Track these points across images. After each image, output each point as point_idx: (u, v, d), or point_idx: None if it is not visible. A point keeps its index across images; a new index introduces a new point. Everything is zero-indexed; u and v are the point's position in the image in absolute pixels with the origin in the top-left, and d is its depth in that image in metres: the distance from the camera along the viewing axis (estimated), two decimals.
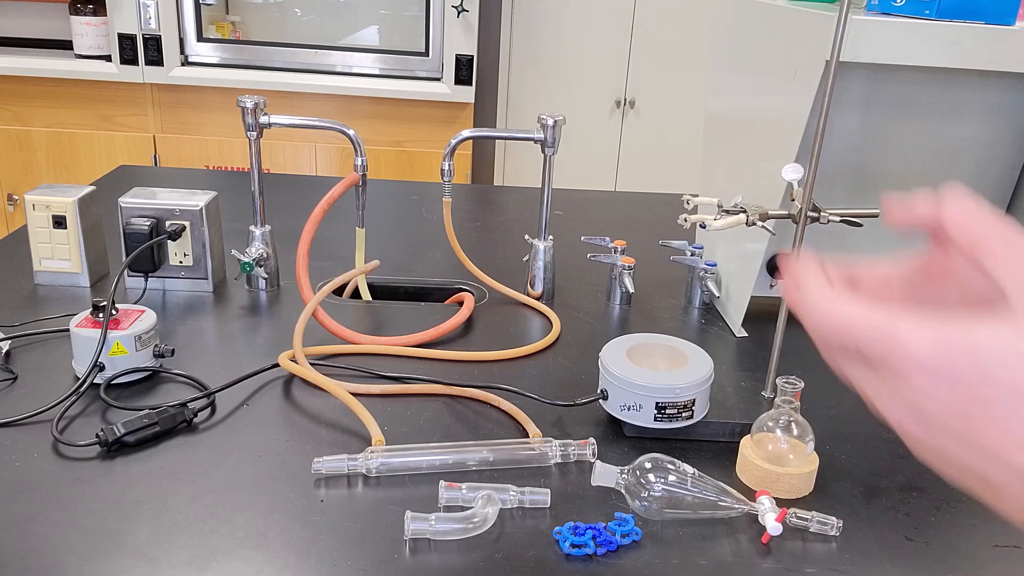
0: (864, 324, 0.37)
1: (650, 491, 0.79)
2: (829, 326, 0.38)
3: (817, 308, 0.38)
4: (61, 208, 1.20)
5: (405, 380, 1.03)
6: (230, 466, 0.85)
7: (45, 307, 1.17)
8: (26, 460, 0.84)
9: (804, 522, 0.79)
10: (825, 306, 0.38)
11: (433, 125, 2.82)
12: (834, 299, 0.38)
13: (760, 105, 1.21)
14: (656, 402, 0.89)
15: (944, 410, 0.35)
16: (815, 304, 0.38)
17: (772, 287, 1.29)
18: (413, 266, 1.42)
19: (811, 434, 0.85)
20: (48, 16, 2.97)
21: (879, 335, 0.36)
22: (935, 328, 0.35)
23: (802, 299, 0.39)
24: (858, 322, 0.37)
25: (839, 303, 0.38)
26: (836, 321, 0.38)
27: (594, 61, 3.20)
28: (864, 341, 0.37)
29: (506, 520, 0.79)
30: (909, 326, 0.36)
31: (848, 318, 0.37)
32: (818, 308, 0.38)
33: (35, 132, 2.77)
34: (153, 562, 0.71)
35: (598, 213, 1.75)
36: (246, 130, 1.21)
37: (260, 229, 1.26)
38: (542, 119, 1.22)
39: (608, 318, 1.26)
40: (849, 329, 0.37)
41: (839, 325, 0.37)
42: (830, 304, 0.38)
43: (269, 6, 3.07)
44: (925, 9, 0.98)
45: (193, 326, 1.15)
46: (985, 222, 0.37)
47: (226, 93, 2.74)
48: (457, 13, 2.69)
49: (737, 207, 0.99)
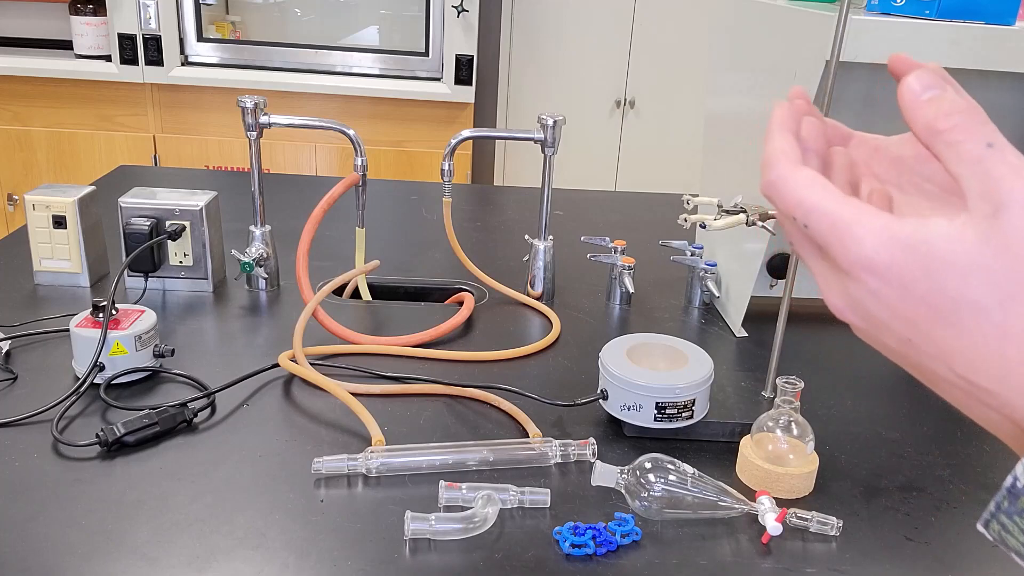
0: (816, 207, 0.35)
1: (650, 491, 0.79)
2: (785, 201, 0.36)
3: (778, 181, 0.36)
4: (61, 208, 1.20)
5: (405, 380, 1.03)
6: (230, 466, 0.85)
7: (45, 307, 1.17)
8: (26, 460, 0.84)
9: (804, 522, 0.79)
10: (785, 179, 0.36)
11: (433, 125, 2.82)
12: (794, 174, 0.36)
13: (760, 105, 1.21)
14: (656, 402, 0.89)
15: (888, 312, 0.34)
16: (777, 177, 0.36)
17: (772, 287, 1.29)
18: (413, 266, 1.42)
19: (811, 434, 0.85)
20: (48, 16, 2.97)
21: (829, 222, 0.35)
22: (887, 225, 0.33)
23: (767, 170, 0.37)
24: (811, 203, 0.35)
25: (798, 179, 0.36)
26: (791, 197, 0.36)
27: (594, 61, 3.20)
28: (815, 225, 0.35)
29: (506, 520, 0.79)
30: (861, 219, 0.34)
31: (803, 197, 0.35)
32: (779, 181, 0.36)
33: (35, 132, 2.77)
34: (153, 562, 0.71)
35: (598, 213, 1.75)
36: (246, 130, 1.21)
37: (260, 229, 1.26)
38: (542, 119, 1.22)
39: (608, 318, 1.26)
40: (801, 208, 0.36)
41: (792, 202, 0.36)
42: (789, 177, 0.36)
43: (269, 6, 3.07)
44: (925, 9, 0.98)
45: (193, 326, 1.15)
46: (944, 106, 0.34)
47: (226, 93, 2.74)
48: (457, 13, 2.69)
49: (737, 207, 0.99)
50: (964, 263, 0.31)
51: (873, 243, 0.33)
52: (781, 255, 1.26)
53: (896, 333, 0.35)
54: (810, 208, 0.35)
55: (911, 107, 0.35)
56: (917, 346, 0.34)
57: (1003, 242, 0.31)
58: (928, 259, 0.32)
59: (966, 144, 0.33)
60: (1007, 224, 0.31)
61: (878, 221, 0.33)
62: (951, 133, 0.33)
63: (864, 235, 0.33)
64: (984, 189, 0.31)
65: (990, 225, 0.31)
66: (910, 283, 0.33)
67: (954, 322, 0.32)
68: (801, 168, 0.36)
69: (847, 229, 0.34)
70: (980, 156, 0.32)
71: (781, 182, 0.36)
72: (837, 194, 0.35)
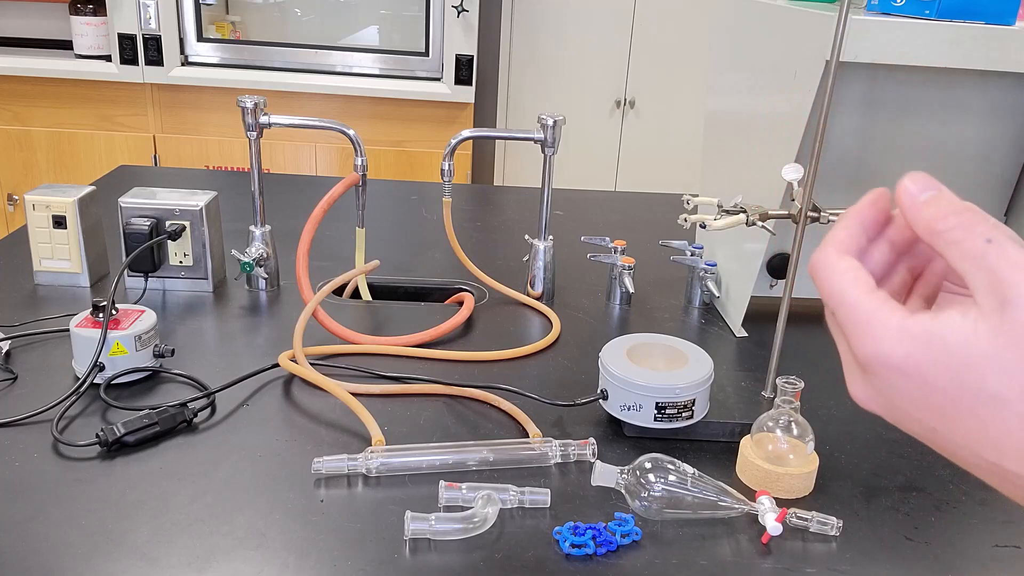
0: (844, 298, 0.36)
1: (650, 491, 0.79)
2: (820, 285, 0.38)
3: (818, 264, 0.38)
4: (61, 208, 1.20)
5: (405, 380, 1.03)
6: (230, 466, 0.85)
7: (45, 307, 1.17)
8: (26, 460, 0.84)
9: (804, 522, 0.79)
10: (824, 265, 0.38)
11: (433, 125, 2.82)
12: (835, 261, 0.38)
13: (760, 105, 1.21)
14: (656, 402, 0.89)
15: (911, 404, 0.35)
16: (818, 261, 0.38)
17: (772, 287, 1.29)
18: (413, 266, 1.42)
19: (811, 434, 0.85)
20: (48, 16, 2.97)
21: (853, 314, 0.36)
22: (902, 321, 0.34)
23: (816, 251, 0.39)
24: (840, 293, 0.37)
25: (836, 267, 0.37)
26: (826, 283, 0.37)
27: (594, 61, 3.20)
28: (841, 315, 0.37)
29: (506, 520, 0.79)
30: (878, 314, 0.35)
31: (835, 286, 0.37)
32: (818, 265, 0.38)
33: (35, 132, 2.77)
34: (153, 562, 0.71)
35: (598, 213, 1.75)
36: (246, 130, 1.21)
37: (260, 229, 1.26)
38: (542, 119, 1.22)
39: (608, 318, 1.26)
40: (832, 297, 0.37)
41: (826, 288, 0.37)
42: (829, 264, 0.38)
43: (269, 6, 3.07)
44: (925, 9, 0.98)
45: (193, 326, 1.15)
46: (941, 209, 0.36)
47: (226, 93, 2.74)
48: (457, 13, 2.69)
49: (737, 207, 0.99)
50: (979, 357, 0.33)
51: (889, 338, 0.35)
52: (781, 255, 1.26)
53: (921, 423, 0.36)
54: (839, 299, 0.37)
55: (910, 209, 0.37)
56: (943, 435, 0.35)
57: (1013, 336, 0.32)
58: (944, 354, 0.33)
59: (966, 242, 0.34)
60: (1014, 317, 0.32)
61: (894, 317, 0.35)
62: (951, 233, 0.35)
63: (880, 330, 0.35)
64: (989, 284, 0.33)
65: (1000, 319, 0.32)
66: (929, 377, 0.34)
67: (977, 414, 0.33)
68: (843, 257, 0.38)
69: (866, 323, 0.35)
70: (982, 252, 0.33)
71: (820, 266, 0.38)
72: (865, 287, 0.36)
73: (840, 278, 0.37)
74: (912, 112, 1.16)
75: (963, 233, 0.34)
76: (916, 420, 0.36)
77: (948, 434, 0.35)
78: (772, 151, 1.13)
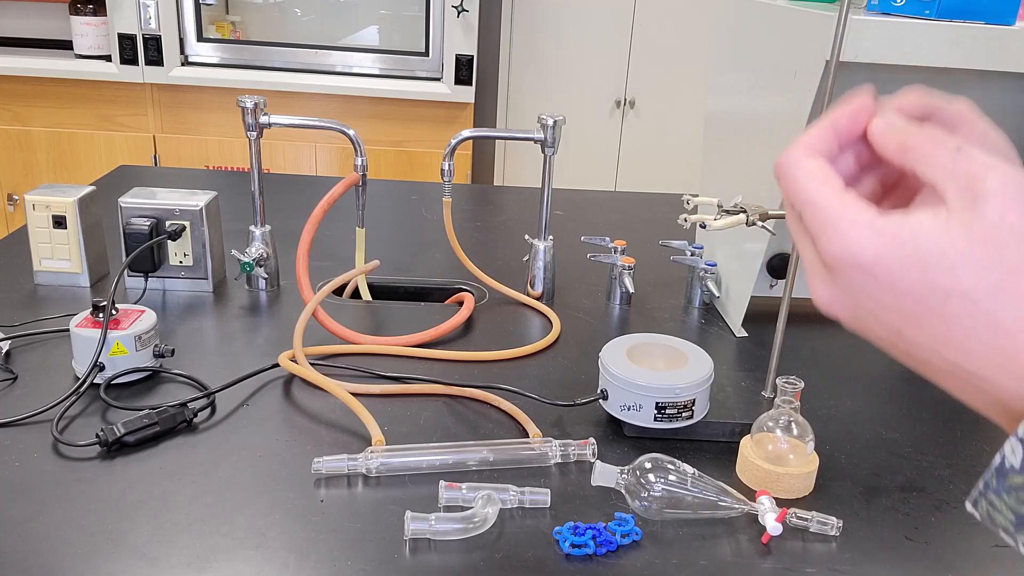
0: (811, 198, 0.36)
1: (650, 491, 0.79)
2: (786, 186, 0.37)
3: (785, 165, 0.37)
4: (61, 208, 1.20)
5: (405, 380, 1.03)
6: (230, 466, 0.85)
7: (45, 307, 1.17)
8: (26, 460, 0.84)
9: (804, 522, 0.79)
10: (791, 165, 0.37)
11: (433, 125, 2.82)
12: (801, 161, 0.37)
13: (760, 105, 1.21)
14: (656, 402, 0.89)
15: (876, 305, 0.35)
16: (785, 161, 0.37)
17: (772, 287, 1.29)
18: (413, 266, 1.42)
19: (811, 434, 0.85)
20: (48, 16, 2.97)
21: (820, 214, 0.35)
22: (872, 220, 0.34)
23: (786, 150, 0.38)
24: (807, 193, 0.36)
25: (803, 167, 0.37)
26: (792, 184, 0.37)
27: (594, 61, 3.20)
28: (807, 216, 0.36)
29: (506, 520, 0.79)
30: (847, 213, 0.34)
31: (802, 186, 0.36)
32: (785, 165, 0.37)
33: (35, 132, 2.77)
34: (153, 562, 0.71)
35: (598, 213, 1.75)
36: (246, 130, 1.21)
37: (260, 229, 1.26)
38: (542, 119, 1.22)
39: (608, 318, 1.26)
40: (798, 197, 0.36)
41: (792, 188, 0.37)
42: (796, 164, 0.37)
43: (269, 6, 3.07)
44: (925, 9, 0.98)
45: (193, 326, 1.15)
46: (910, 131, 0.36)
47: (226, 93, 2.74)
48: (457, 13, 2.69)
49: (737, 207, 0.99)
50: (950, 255, 0.32)
51: (858, 236, 0.34)
52: (781, 255, 1.26)
53: (885, 324, 0.35)
54: (805, 198, 0.36)
55: (881, 138, 0.37)
56: (908, 337, 0.35)
57: (985, 232, 0.32)
58: (914, 253, 0.33)
59: (936, 154, 0.34)
60: (987, 214, 0.32)
61: (864, 216, 0.34)
62: (921, 147, 0.35)
63: (848, 229, 0.34)
64: (960, 186, 0.33)
65: (971, 215, 0.32)
66: (898, 277, 0.33)
67: (944, 312, 0.33)
68: (812, 157, 0.37)
69: (833, 223, 0.35)
70: (952, 160, 0.34)
71: (787, 165, 0.37)
72: (834, 187, 0.36)
73: (808, 176, 0.36)
74: None
75: (933, 146, 0.34)
76: (882, 322, 0.35)
77: (913, 336, 0.34)
78: (772, 151, 1.13)
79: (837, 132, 0.38)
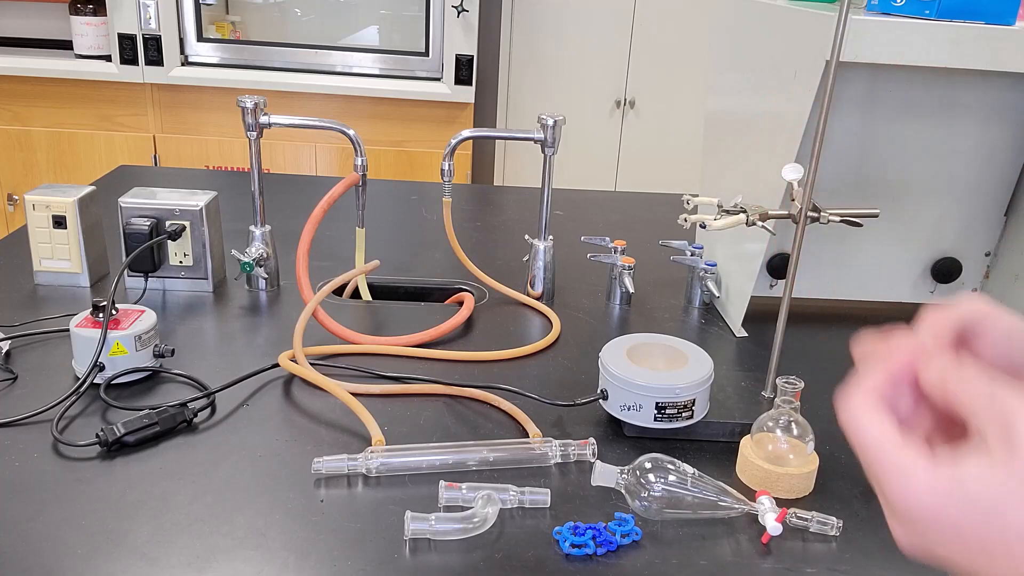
0: (875, 453, 0.39)
1: (650, 491, 0.79)
2: (852, 439, 0.40)
3: (846, 416, 0.41)
4: (61, 208, 1.20)
5: (405, 380, 1.03)
6: (230, 466, 0.85)
7: (45, 307, 1.17)
8: (26, 460, 0.84)
9: (804, 522, 0.79)
10: (852, 417, 0.41)
11: (433, 125, 2.82)
12: (860, 413, 0.40)
13: (760, 105, 1.21)
14: (656, 402, 0.89)
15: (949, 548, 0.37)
16: (846, 411, 0.41)
17: (772, 287, 1.29)
18: (413, 266, 1.42)
19: (811, 434, 0.85)
20: (48, 16, 2.97)
21: (883, 469, 0.39)
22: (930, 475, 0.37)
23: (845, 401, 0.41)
24: (871, 448, 0.39)
25: (863, 419, 0.40)
26: (857, 437, 0.40)
27: (594, 61, 3.20)
28: (873, 469, 0.39)
29: (506, 520, 0.79)
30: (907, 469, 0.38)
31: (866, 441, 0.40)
32: (847, 416, 0.41)
33: (35, 132, 2.77)
34: (153, 562, 0.71)
35: (598, 213, 1.75)
36: (246, 130, 1.21)
37: (260, 229, 1.26)
38: (542, 119, 1.22)
39: (608, 318, 1.26)
40: (864, 452, 0.40)
41: (857, 442, 0.40)
42: (855, 416, 0.40)
43: (269, 6, 3.07)
44: (925, 9, 0.98)
45: (193, 326, 1.15)
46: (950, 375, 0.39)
47: (226, 93, 2.74)
48: (457, 13, 2.69)
49: (737, 207, 0.99)
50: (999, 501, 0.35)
51: (917, 492, 0.37)
52: (781, 255, 1.26)
53: (962, 562, 0.38)
54: (866, 450, 0.40)
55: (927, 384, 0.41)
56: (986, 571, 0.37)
57: None
58: (969, 502, 0.36)
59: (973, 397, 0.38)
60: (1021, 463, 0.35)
61: (920, 468, 0.38)
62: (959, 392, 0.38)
63: (908, 484, 0.38)
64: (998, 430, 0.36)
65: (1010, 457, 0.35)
66: (960, 523, 0.36)
67: (1010, 551, 0.35)
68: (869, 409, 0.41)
69: (895, 478, 0.38)
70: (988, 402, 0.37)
71: (849, 419, 0.41)
72: (892, 439, 0.39)
73: (867, 428, 0.40)
74: (912, 112, 1.16)
75: (970, 390, 0.38)
76: (956, 562, 0.38)
77: (989, 570, 0.37)
78: (772, 151, 1.13)
79: (891, 375, 0.42)
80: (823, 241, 1.24)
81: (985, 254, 1.28)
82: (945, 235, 1.26)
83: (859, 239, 1.25)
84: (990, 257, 1.28)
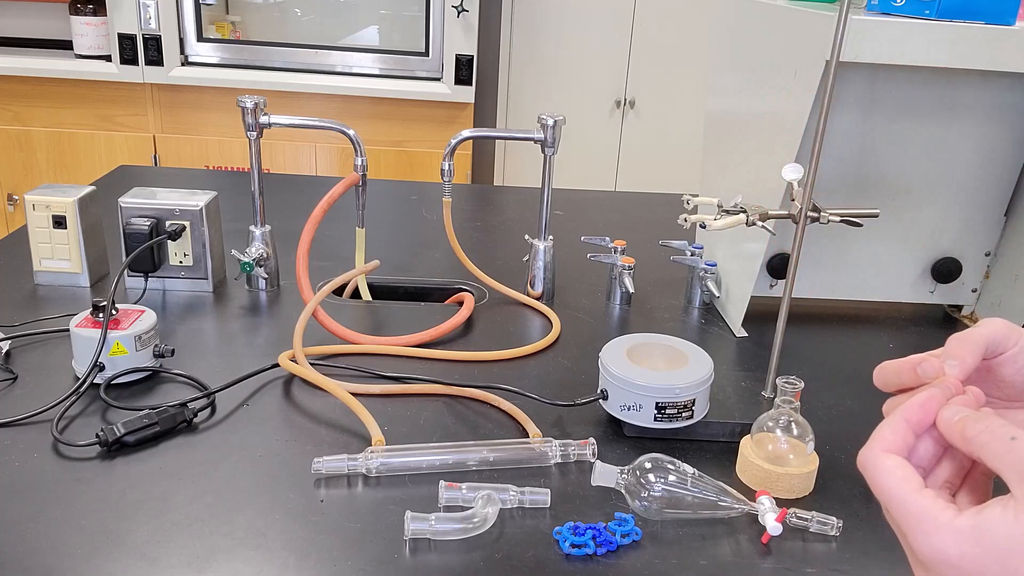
0: (895, 497, 0.40)
1: (650, 491, 0.79)
2: (872, 484, 0.41)
3: (867, 463, 0.42)
4: (61, 208, 1.20)
5: (405, 380, 1.03)
6: (230, 466, 0.85)
7: (45, 307, 1.17)
8: (26, 460, 0.84)
9: (804, 522, 0.79)
10: (871, 462, 0.41)
11: (433, 125, 2.82)
12: (882, 460, 0.41)
13: (760, 105, 1.21)
14: (656, 402, 0.89)
15: None
16: (867, 460, 0.42)
17: (772, 287, 1.29)
18: (413, 266, 1.42)
19: (811, 434, 0.85)
20: (48, 16, 2.97)
21: (905, 514, 0.39)
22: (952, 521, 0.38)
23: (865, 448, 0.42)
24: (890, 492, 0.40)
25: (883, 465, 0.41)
26: (876, 482, 0.41)
27: (594, 61, 3.20)
28: (893, 513, 0.40)
29: (506, 520, 0.79)
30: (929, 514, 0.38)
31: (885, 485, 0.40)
32: (868, 464, 0.41)
33: (35, 132, 2.77)
34: (153, 562, 0.71)
35: (598, 213, 1.75)
36: (246, 130, 1.21)
37: (260, 229, 1.26)
38: (542, 119, 1.22)
39: (608, 318, 1.26)
40: (883, 496, 0.40)
41: (876, 487, 0.41)
42: (877, 463, 0.41)
43: (269, 6, 3.07)
44: (925, 9, 0.98)
45: (193, 326, 1.15)
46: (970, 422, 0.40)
47: (226, 93, 2.74)
48: (457, 13, 2.69)
49: (737, 207, 0.99)
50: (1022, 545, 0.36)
51: (941, 539, 0.38)
52: (781, 255, 1.26)
53: None
54: (888, 497, 0.40)
55: (948, 431, 0.42)
56: None
57: None
58: (993, 546, 0.37)
59: (993, 444, 0.39)
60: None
61: (943, 516, 0.38)
62: (979, 438, 0.39)
63: (932, 531, 0.38)
64: (1019, 476, 0.37)
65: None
66: (984, 569, 0.37)
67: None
68: (889, 455, 0.41)
69: (918, 525, 0.39)
70: (1008, 448, 0.38)
71: (869, 465, 0.42)
72: (912, 486, 0.40)
73: (887, 476, 0.40)
74: (912, 112, 1.16)
75: (990, 436, 0.39)
76: None
77: None
78: (772, 151, 1.13)
79: (910, 424, 0.42)
80: (823, 241, 1.24)
81: (985, 254, 1.28)
82: (945, 235, 1.26)
83: (859, 239, 1.25)
84: (990, 257, 1.28)
